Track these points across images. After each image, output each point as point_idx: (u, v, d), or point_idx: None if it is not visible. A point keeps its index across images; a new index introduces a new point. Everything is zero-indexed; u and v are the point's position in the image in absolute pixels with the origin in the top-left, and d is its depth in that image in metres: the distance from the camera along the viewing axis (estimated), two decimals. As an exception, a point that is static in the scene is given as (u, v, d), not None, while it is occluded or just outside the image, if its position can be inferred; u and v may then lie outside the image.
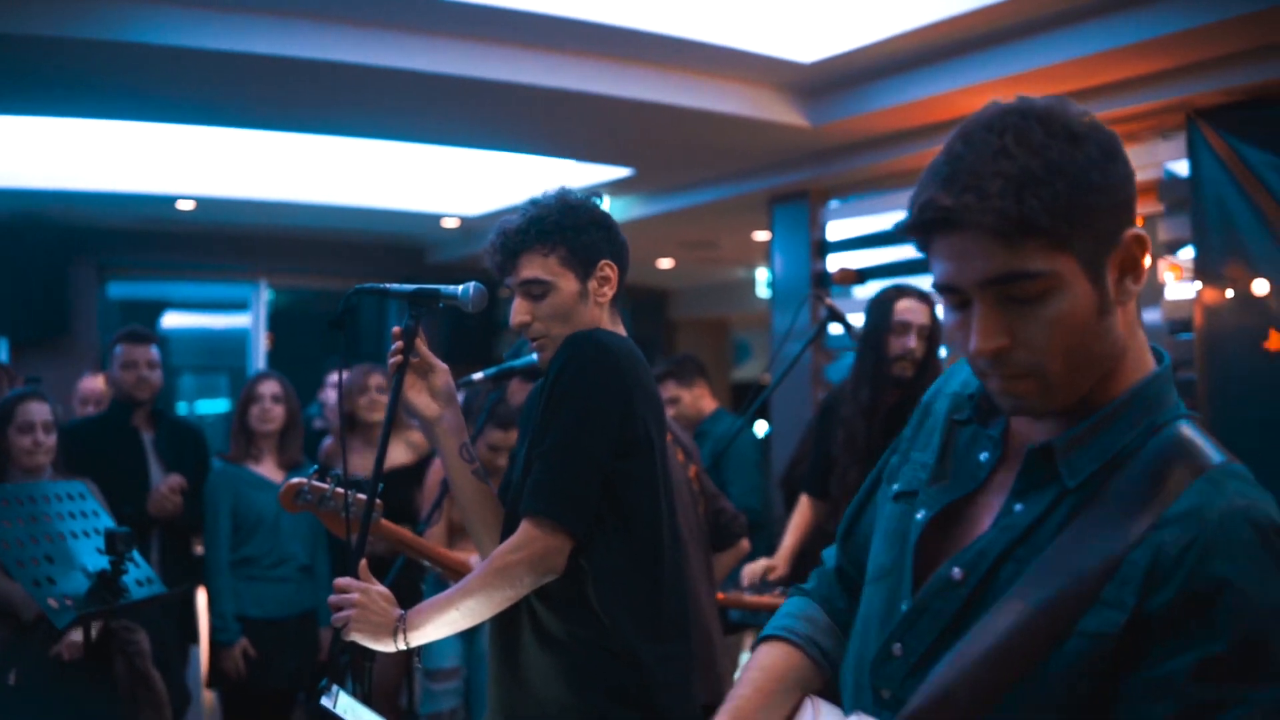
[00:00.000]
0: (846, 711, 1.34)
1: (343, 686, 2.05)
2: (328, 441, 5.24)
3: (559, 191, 2.33)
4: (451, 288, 2.23)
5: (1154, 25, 4.28)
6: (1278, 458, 4.33)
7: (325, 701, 1.98)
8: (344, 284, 9.01)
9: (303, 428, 4.71)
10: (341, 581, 2.14)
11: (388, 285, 2.27)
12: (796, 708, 1.40)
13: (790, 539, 4.07)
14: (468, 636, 4.44)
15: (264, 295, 8.89)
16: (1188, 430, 1.21)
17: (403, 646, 2.12)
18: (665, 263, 9.76)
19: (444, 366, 2.31)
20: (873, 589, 1.37)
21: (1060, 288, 1.15)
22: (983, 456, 1.31)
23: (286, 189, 7.34)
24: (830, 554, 1.60)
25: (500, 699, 2.28)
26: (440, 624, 2.14)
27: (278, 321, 8.94)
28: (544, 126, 5.66)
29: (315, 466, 2.61)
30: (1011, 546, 1.21)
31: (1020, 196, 1.11)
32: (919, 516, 1.32)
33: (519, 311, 2.27)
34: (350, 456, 4.83)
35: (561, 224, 2.26)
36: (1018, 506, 1.23)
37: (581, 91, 4.99)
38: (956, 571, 1.24)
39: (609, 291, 2.30)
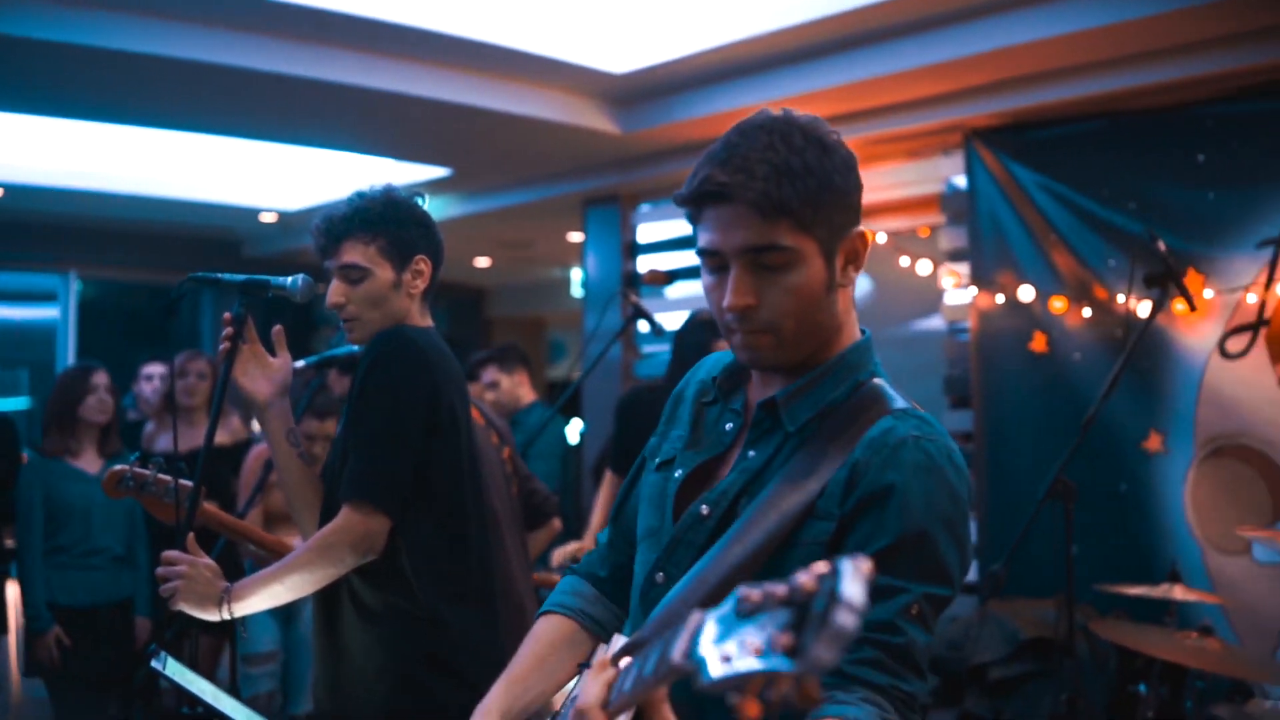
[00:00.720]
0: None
1: (174, 657, 2.15)
2: (149, 428, 5.20)
3: (385, 188, 2.49)
4: (281, 279, 2.37)
5: (936, 52, 4.68)
6: (1040, 443, 4.81)
7: (155, 664, 2.08)
8: (158, 277, 8.82)
9: (120, 420, 4.70)
10: (169, 554, 2.24)
11: (220, 275, 2.38)
12: (592, 653, 1.60)
13: (597, 517, 4.29)
14: (284, 621, 4.51)
15: (74, 287, 8.59)
16: (881, 383, 1.49)
17: (227, 616, 2.24)
18: (482, 261, 9.86)
19: (286, 356, 2.44)
20: (643, 545, 1.60)
21: (801, 262, 1.40)
22: (728, 426, 1.56)
23: (100, 178, 7.14)
24: (604, 534, 1.81)
25: (323, 669, 2.43)
26: (264, 596, 2.27)
27: (85, 313, 8.65)
28: (365, 125, 5.72)
29: (136, 454, 2.67)
30: (747, 485, 1.46)
31: (780, 183, 1.36)
32: (676, 474, 1.56)
33: (335, 293, 2.42)
34: (164, 438, 4.83)
35: (384, 217, 2.42)
36: (751, 453, 1.48)
37: (402, 93, 5.10)
38: (704, 508, 1.48)
39: (421, 285, 2.47)
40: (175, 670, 2.15)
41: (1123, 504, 4.65)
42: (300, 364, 3.26)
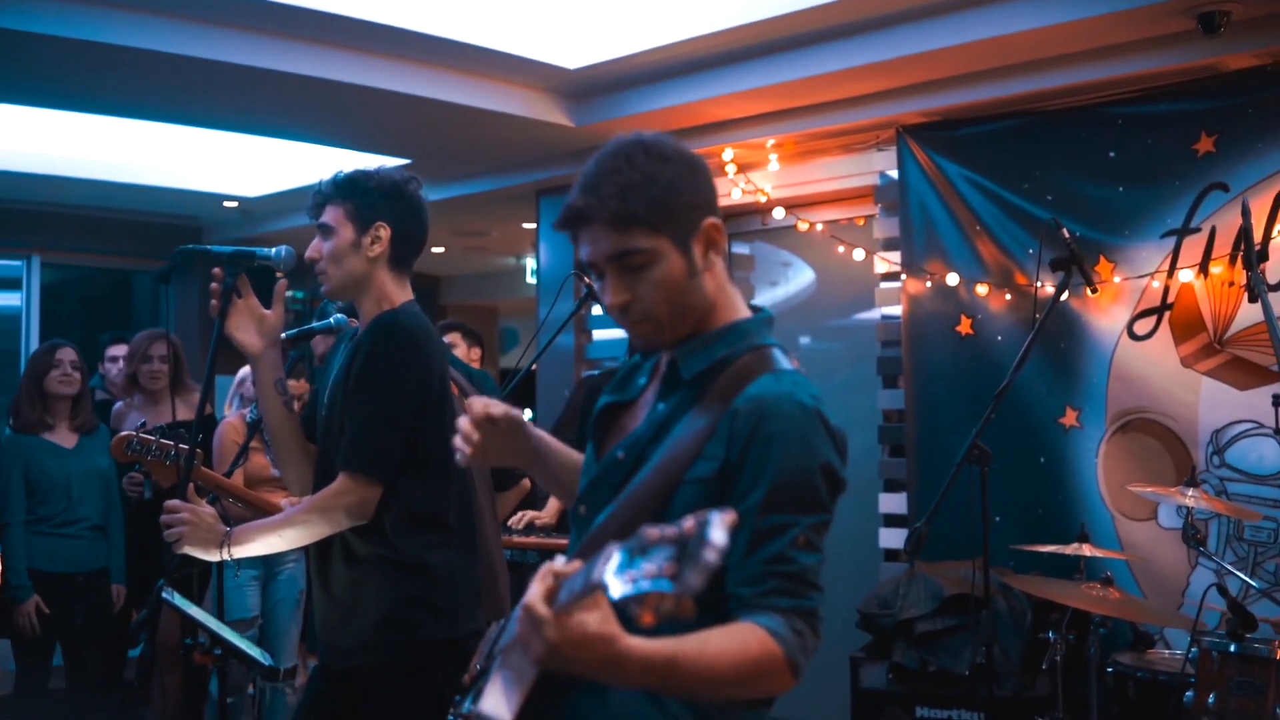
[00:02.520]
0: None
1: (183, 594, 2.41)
2: (118, 406, 5.39)
3: (382, 168, 2.80)
4: (266, 250, 2.68)
5: (871, 53, 4.95)
6: (967, 418, 5.05)
7: (165, 595, 2.33)
8: (120, 262, 8.90)
9: (90, 396, 4.89)
10: (172, 503, 2.50)
11: (209, 247, 2.68)
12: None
13: (554, 500, 4.55)
14: (262, 585, 4.75)
15: (36, 273, 8.65)
16: (772, 349, 1.76)
17: (228, 557, 2.50)
18: (435, 249, 10.02)
19: (280, 310, 2.73)
20: (581, 477, 1.91)
21: (659, 259, 1.67)
22: (641, 381, 1.88)
23: (63, 164, 7.24)
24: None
25: (321, 611, 2.71)
26: (262, 543, 2.56)
27: (47, 299, 8.70)
28: (325, 116, 5.90)
29: (101, 426, 2.93)
30: (656, 432, 1.74)
31: (625, 198, 1.64)
32: (595, 411, 1.89)
33: (312, 248, 2.72)
34: (133, 415, 5.02)
35: (356, 184, 2.72)
36: (660, 405, 1.77)
37: (363, 85, 5.29)
38: (620, 453, 1.77)
39: (378, 250, 2.71)
40: (182, 602, 2.41)
41: (1041, 475, 4.98)
42: (282, 335, 3.53)
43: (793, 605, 1.57)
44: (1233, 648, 3.31)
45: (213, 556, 2.51)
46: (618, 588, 1.22)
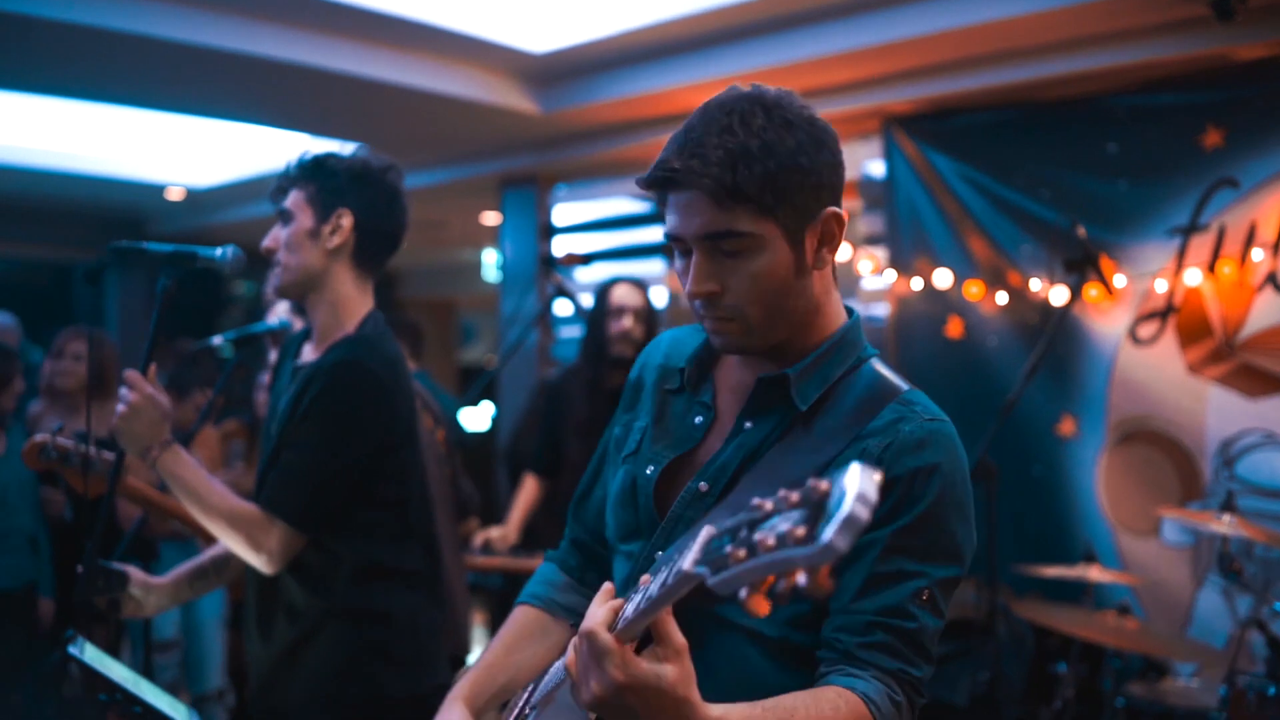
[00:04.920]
0: None
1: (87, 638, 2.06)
2: (34, 406, 4.97)
3: (361, 151, 2.43)
4: (210, 249, 2.24)
5: (855, 37, 4.67)
6: (959, 428, 4.85)
7: (73, 650, 1.98)
8: (57, 254, 8.49)
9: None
10: (132, 375, 2.16)
11: (145, 244, 2.22)
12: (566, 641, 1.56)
13: (516, 514, 4.26)
14: (185, 606, 4.40)
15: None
16: (879, 365, 1.47)
17: (150, 461, 2.17)
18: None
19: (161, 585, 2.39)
20: (625, 546, 1.55)
21: (763, 247, 1.37)
22: (698, 420, 1.52)
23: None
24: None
25: (259, 668, 2.37)
26: (183, 487, 2.20)
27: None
28: (275, 98, 5.55)
29: (59, 425, 2.57)
30: (746, 460, 1.42)
31: (735, 168, 1.32)
32: (649, 471, 1.51)
33: (269, 237, 2.37)
34: (49, 418, 4.60)
35: (321, 164, 2.37)
36: (748, 424, 1.45)
37: (315, 66, 4.95)
38: (703, 484, 1.44)
39: (338, 240, 2.36)
40: (94, 656, 2.05)
41: (1036, 487, 4.72)
42: (218, 340, 3.16)
43: (898, 669, 1.31)
44: (1271, 690, 3.03)
45: (134, 451, 2.17)
46: (726, 565, 0.96)
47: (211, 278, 7.50)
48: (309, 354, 2.42)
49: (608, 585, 1.23)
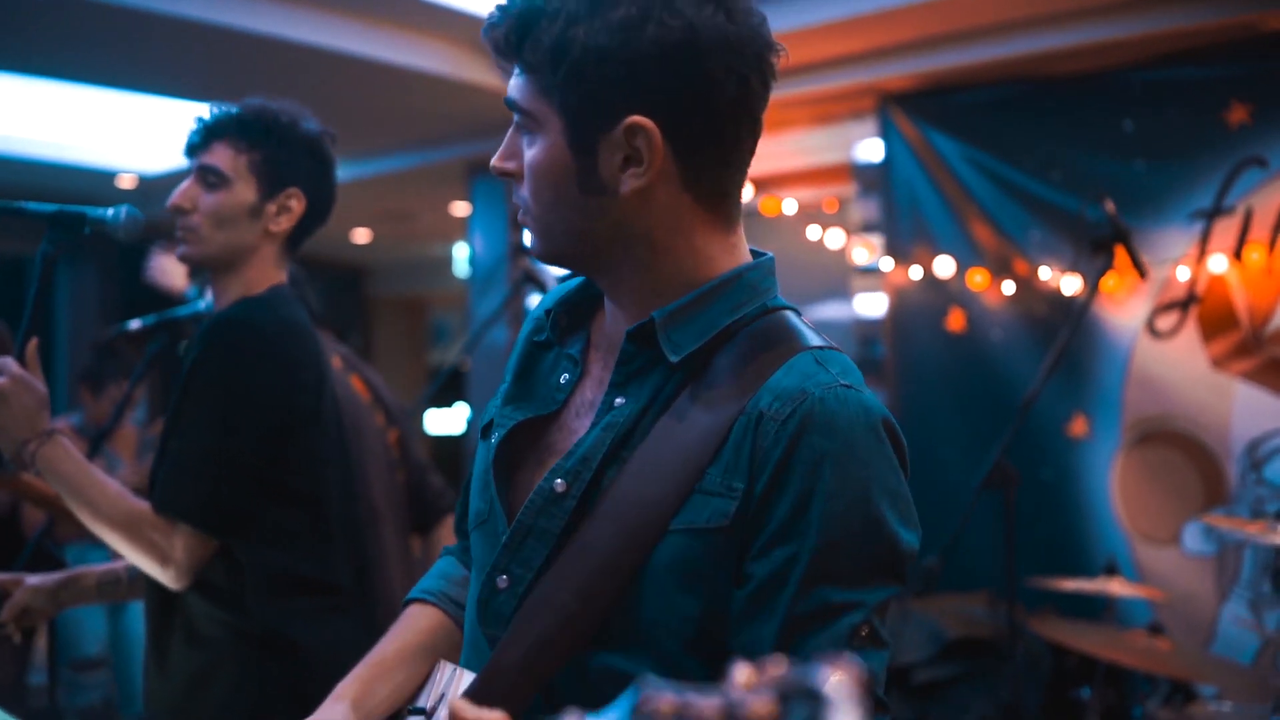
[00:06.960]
0: (464, 665, 1.22)
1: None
2: None
3: (295, 108, 2.09)
4: (101, 210, 1.90)
5: (847, 5, 4.37)
6: (956, 426, 4.56)
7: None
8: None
9: None
10: (3, 360, 1.84)
11: (24, 204, 1.90)
12: (432, 670, 1.30)
13: None
14: (112, 621, 4.06)
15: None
16: (792, 317, 1.16)
17: (27, 458, 1.82)
18: (361, 236, 9.32)
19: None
20: (476, 537, 1.24)
21: (540, 133, 1.12)
22: (563, 379, 1.20)
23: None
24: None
25: (152, 699, 2.03)
26: (68, 487, 1.85)
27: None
28: (221, 70, 5.16)
29: None
30: (617, 446, 1.10)
31: (521, 23, 1.09)
32: (493, 439, 1.20)
33: (183, 194, 2.02)
34: None
35: (271, 131, 2.04)
36: (619, 400, 1.13)
37: (264, 34, 4.56)
38: (559, 483, 1.11)
39: (285, 224, 2.07)
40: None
41: (1045, 493, 4.40)
42: (135, 324, 2.85)
43: None
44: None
45: (6, 449, 1.83)
46: None
47: (103, 253, 6.98)
48: None
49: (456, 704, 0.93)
